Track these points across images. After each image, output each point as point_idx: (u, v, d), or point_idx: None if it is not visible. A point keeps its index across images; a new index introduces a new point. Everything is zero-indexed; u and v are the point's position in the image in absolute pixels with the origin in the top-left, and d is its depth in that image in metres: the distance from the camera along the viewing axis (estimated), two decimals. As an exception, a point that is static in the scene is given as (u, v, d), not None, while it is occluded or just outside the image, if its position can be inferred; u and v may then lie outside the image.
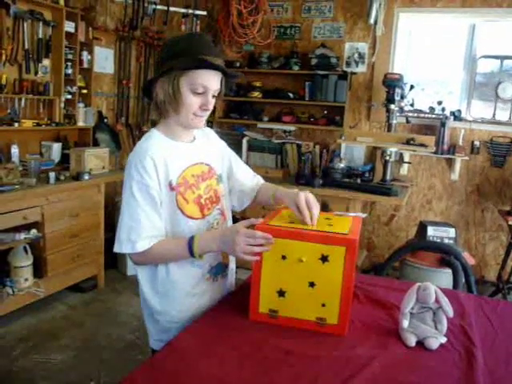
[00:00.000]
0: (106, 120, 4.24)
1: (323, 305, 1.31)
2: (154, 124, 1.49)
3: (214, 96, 1.38)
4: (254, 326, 1.34)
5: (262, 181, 1.69)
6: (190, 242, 1.32)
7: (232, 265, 1.61)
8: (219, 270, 1.52)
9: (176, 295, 1.43)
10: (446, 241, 3.51)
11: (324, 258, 1.28)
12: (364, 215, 1.66)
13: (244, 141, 4.55)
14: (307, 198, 1.39)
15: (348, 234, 1.29)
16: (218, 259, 1.51)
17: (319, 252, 1.28)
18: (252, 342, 1.25)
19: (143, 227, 1.32)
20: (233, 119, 4.72)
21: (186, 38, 1.38)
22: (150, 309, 1.46)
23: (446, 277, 3.19)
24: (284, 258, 1.30)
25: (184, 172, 1.41)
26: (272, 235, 1.27)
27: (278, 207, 1.54)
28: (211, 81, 1.34)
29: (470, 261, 3.34)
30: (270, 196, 1.56)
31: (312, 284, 1.30)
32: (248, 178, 1.66)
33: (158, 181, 1.34)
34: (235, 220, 1.61)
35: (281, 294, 1.33)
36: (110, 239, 3.92)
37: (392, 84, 3.83)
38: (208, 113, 1.40)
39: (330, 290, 1.29)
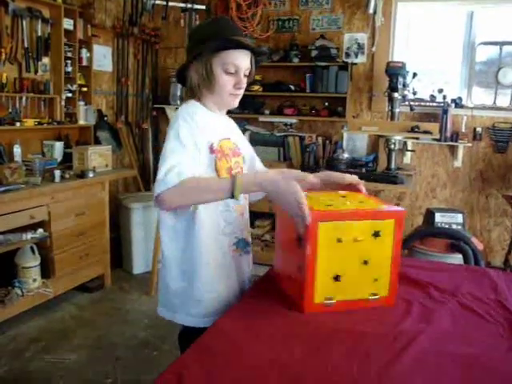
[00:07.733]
0: (106, 118, 4.19)
1: (375, 280, 1.32)
2: None
3: (245, 75, 1.43)
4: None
5: None
6: (233, 178, 1.22)
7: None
8: (243, 244, 1.53)
9: (204, 264, 1.42)
10: (454, 226, 3.51)
11: (376, 234, 1.29)
12: None
13: (246, 135, 4.53)
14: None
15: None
16: (243, 235, 1.52)
17: (372, 228, 1.28)
18: (296, 322, 1.24)
19: (187, 165, 1.25)
20: (233, 113, 4.67)
21: (212, 23, 1.48)
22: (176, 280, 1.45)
23: (455, 262, 3.18)
24: (339, 241, 1.27)
25: (221, 141, 1.44)
26: (326, 220, 1.24)
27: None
28: (241, 60, 1.39)
29: (479, 246, 3.34)
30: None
31: (366, 262, 1.30)
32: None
33: (201, 138, 1.36)
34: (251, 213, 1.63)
35: (336, 279, 1.30)
36: (115, 238, 3.93)
37: (395, 72, 3.82)
38: (242, 91, 1.45)
39: (382, 264, 1.31)
